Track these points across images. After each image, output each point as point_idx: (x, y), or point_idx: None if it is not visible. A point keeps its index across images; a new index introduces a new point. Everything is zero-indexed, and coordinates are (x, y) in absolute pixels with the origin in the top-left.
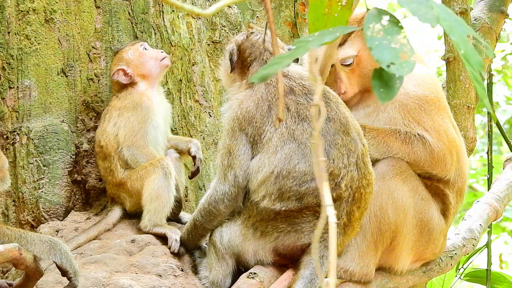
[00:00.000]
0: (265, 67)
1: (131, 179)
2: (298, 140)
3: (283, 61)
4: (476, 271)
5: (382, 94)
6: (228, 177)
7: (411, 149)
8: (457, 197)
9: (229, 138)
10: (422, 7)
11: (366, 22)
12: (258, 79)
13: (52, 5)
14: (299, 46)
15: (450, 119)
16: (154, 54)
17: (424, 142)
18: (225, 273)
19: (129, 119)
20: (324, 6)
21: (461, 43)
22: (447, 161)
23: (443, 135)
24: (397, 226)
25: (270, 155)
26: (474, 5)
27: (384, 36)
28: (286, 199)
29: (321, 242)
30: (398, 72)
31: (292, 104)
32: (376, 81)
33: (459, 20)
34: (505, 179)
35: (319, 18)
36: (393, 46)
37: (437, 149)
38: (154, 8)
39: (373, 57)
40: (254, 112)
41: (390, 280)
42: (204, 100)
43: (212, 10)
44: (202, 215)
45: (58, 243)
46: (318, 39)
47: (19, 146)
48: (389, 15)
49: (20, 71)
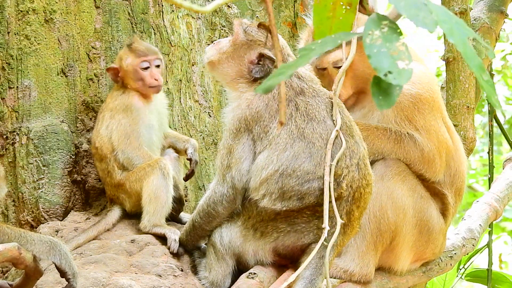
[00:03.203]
0: (270, 78)
1: (129, 180)
2: (307, 139)
3: (287, 71)
4: (477, 271)
5: (381, 101)
6: (227, 179)
7: (403, 148)
8: (456, 196)
9: (232, 138)
10: (421, 12)
11: (366, 28)
12: (263, 90)
13: (52, 5)
14: (302, 55)
15: (444, 119)
16: (147, 79)
17: (414, 141)
18: (224, 273)
19: (121, 121)
20: (328, 10)
21: (461, 46)
22: (436, 162)
23: (433, 135)
24: (396, 226)
25: (279, 152)
26: (474, 5)
27: (383, 43)
28: (288, 199)
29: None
30: (395, 81)
31: (302, 104)
32: (375, 88)
33: (459, 22)
34: (505, 179)
35: (323, 21)
36: (391, 54)
37: (427, 148)
38: (154, 8)
39: (370, 63)
40: (263, 112)
41: (390, 280)
42: (204, 100)
43: (211, 8)
44: (201, 217)
45: (58, 243)
46: (321, 46)
47: (19, 146)
48: (388, 21)
49: (20, 71)
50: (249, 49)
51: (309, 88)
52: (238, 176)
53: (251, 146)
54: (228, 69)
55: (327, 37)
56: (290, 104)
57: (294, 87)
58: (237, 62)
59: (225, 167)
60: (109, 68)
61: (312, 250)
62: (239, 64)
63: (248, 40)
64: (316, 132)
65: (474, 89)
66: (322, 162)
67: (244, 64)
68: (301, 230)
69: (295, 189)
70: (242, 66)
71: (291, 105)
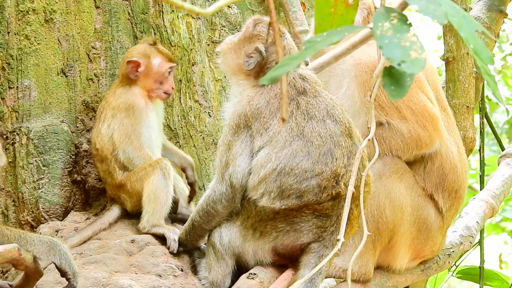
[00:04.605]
0: (275, 69)
1: (130, 180)
2: (306, 137)
3: (293, 62)
4: (468, 269)
5: (393, 91)
6: (225, 177)
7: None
8: (452, 198)
9: (231, 134)
10: (431, 5)
11: (375, 20)
12: (268, 81)
13: (52, 5)
14: (308, 47)
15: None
16: (168, 84)
17: (390, 129)
18: (224, 273)
19: (123, 121)
20: (330, 6)
21: (471, 39)
22: (422, 136)
23: (406, 110)
24: (394, 225)
25: (278, 150)
26: (473, 4)
27: (393, 34)
28: (286, 197)
29: (320, 242)
30: (409, 70)
31: (303, 103)
32: (387, 79)
33: (466, 16)
34: (501, 176)
35: (324, 18)
36: (403, 44)
37: (405, 129)
38: (154, 8)
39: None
40: (263, 109)
41: (389, 279)
42: (204, 100)
43: (212, 10)
44: (200, 216)
45: (57, 244)
46: (327, 39)
47: (19, 146)
48: (397, 13)
49: (20, 71)
50: (249, 43)
51: (312, 88)
52: (236, 173)
53: (249, 143)
54: (230, 61)
55: (333, 30)
56: (291, 102)
57: (297, 87)
58: (237, 55)
59: (223, 165)
60: (130, 61)
61: (311, 250)
62: (238, 57)
63: (252, 34)
64: (315, 131)
65: (473, 89)
66: (320, 160)
67: (242, 58)
68: (300, 229)
69: (294, 187)
70: (240, 60)
71: (293, 104)
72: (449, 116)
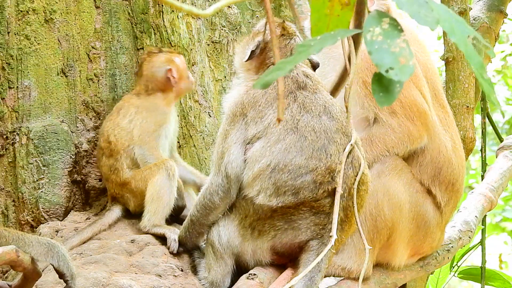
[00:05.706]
0: (268, 73)
1: (135, 179)
2: (300, 132)
3: (286, 66)
4: (470, 269)
5: (381, 98)
6: (221, 168)
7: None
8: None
9: (228, 123)
10: (422, 9)
11: (366, 25)
12: (260, 86)
13: (52, 5)
14: (300, 51)
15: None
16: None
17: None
18: (223, 273)
19: (147, 119)
20: (326, 7)
21: (462, 44)
22: (412, 129)
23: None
24: (393, 223)
25: (272, 144)
26: (473, 4)
27: (383, 39)
28: (282, 194)
29: (319, 239)
30: (397, 77)
31: (301, 96)
32: (376, 85)
33: (460, 20)
34: (498, 168)
35: (321, 19)
36: (392, 50)
37: (395, 124)
38: (153, 8)
39: (371, 59)
40: (259, 98)
41: (388, 276)
42: (203, 100)
43: (211, 11)
44: (198, 210)
45: (56, 245)
46: (320, 43)
47: (19, 146)
48: (389, 18)
49: (20, 71)
50: (253, 39)
51: (313, 85)
52: (231, 162)
53: (243, 131)
54: (237, 58)
55: (326, 34)
56: (290, 95)
57: (299, 82)
58: (242, 50)
59: (219, 155)
60: (168, 70)
61: (310, 247)
62: (242, 52)
63: (259, 31)
64: (309, 125)
65: (473, 89)
66: (314, 156)
67: (245, 53)
68: (298, 227)
69: (289, 183)
70: (243, 54)
71: (291, 96)
72: (447, 113)
